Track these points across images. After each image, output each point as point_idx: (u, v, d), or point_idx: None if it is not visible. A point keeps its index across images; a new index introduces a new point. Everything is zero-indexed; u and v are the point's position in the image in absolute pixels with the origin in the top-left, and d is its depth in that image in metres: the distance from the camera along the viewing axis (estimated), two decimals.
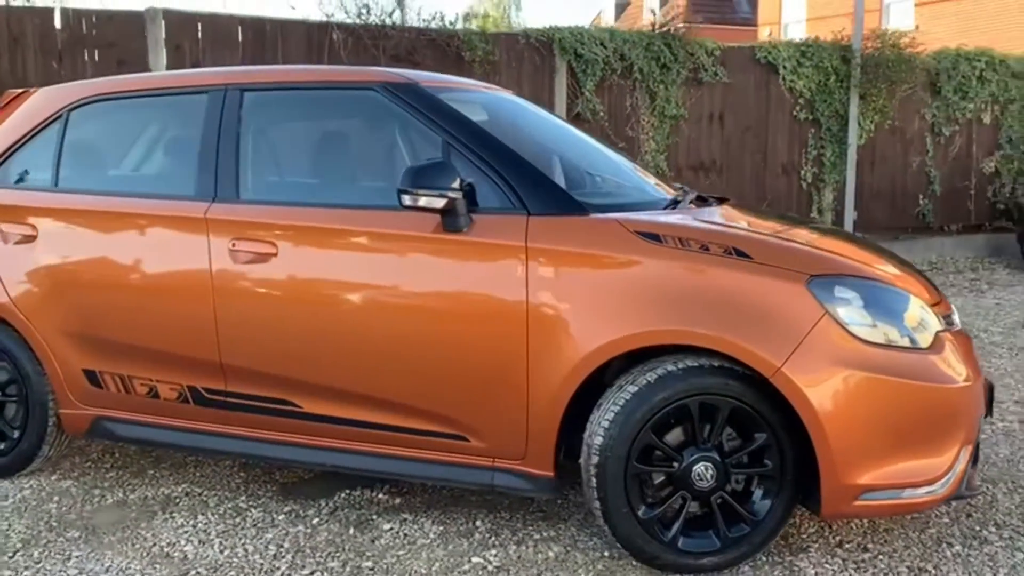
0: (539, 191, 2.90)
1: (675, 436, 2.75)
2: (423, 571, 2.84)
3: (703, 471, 2.71)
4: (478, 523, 3.18)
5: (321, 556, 2.94)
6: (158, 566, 2.89)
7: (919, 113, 9.89)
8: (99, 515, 3.30)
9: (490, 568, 2.85)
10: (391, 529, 3.14)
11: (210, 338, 3.17)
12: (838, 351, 2.60)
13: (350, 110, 3.30)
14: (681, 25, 8.36)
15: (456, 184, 2.78)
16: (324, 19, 6.94)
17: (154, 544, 3.05)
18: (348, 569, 2.85)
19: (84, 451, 3.94)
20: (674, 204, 3.24)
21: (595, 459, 2.72)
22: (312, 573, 2.83)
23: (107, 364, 3.38)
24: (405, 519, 3.22)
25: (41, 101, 3.66)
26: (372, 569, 2.85)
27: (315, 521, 3.21)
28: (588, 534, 3.07)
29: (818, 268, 2.70)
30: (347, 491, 3.47)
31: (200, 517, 3.26)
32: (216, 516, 3.27)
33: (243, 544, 3.03)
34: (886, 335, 2.66)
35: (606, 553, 2.93)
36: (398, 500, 3.39)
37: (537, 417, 2.83)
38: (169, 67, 6.28)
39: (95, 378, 3.41)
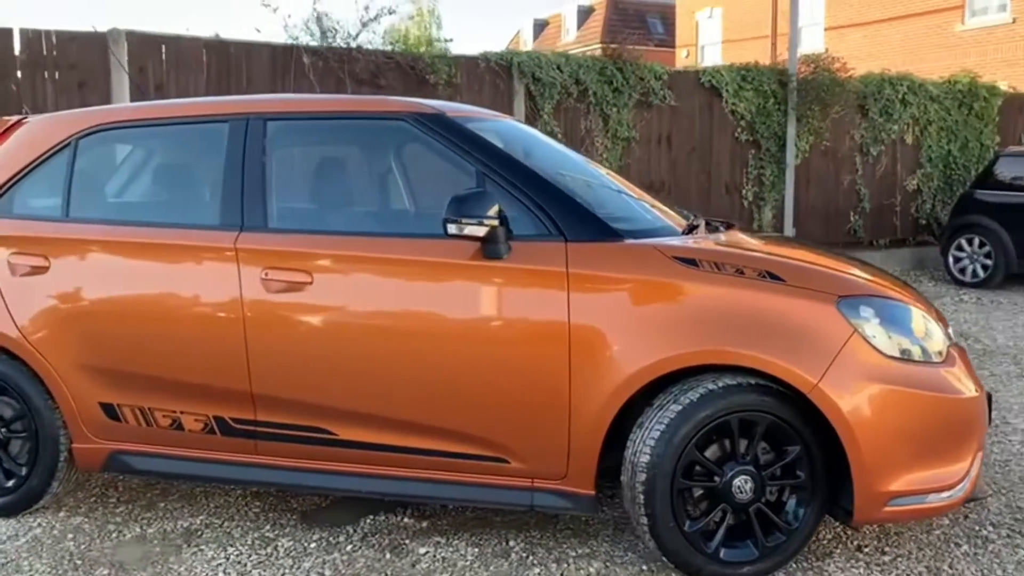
0: (575, 218, 3.00)
1: (714, 452, 2.89)
2: None
3: (742, 484, 2.85)
4: (511, 543, 3.24)
5: None
6: None
7: (849, 134, 10.41)
8: (122, 551, 3.24)
9: None
10: (427, 553, 3.18)
11: (240, 368, 3.16)
12: (866, 366, 2.78)
13: (379, 140, 3.35)
14: (634, 48, 8.60)
15: (495, 212, 2.86)
16: (289, 42, 6.92)
17: None
18: None
19: (86, 486, 3.84)
20: (691, 229, 3.39)
21: (642, 476, 2.82)
22: None
23: (126, 397, 3.32)
24: (438, 542, 3.26)
25: (44, 129, 3.58)
26: None
27: (348, 548, 3.22)
28: (622, 549, 3.17)
29: (844, 289, 2.88)
30: (371, 516, 3.48)
31: (230, 549, 3.23)
32: (245, 547, 3.24)
33: (283, 574, 3.03)
34: (899, 345, 2.85)
35: (644, 567, 3.04)
36: (425, 524, 3.43)
37: (579, 437, 2.92)
38: (132, 89, 6.16)
39: (113, 411, 3.34)
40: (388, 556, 3.16)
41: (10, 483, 3.49)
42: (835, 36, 23.01)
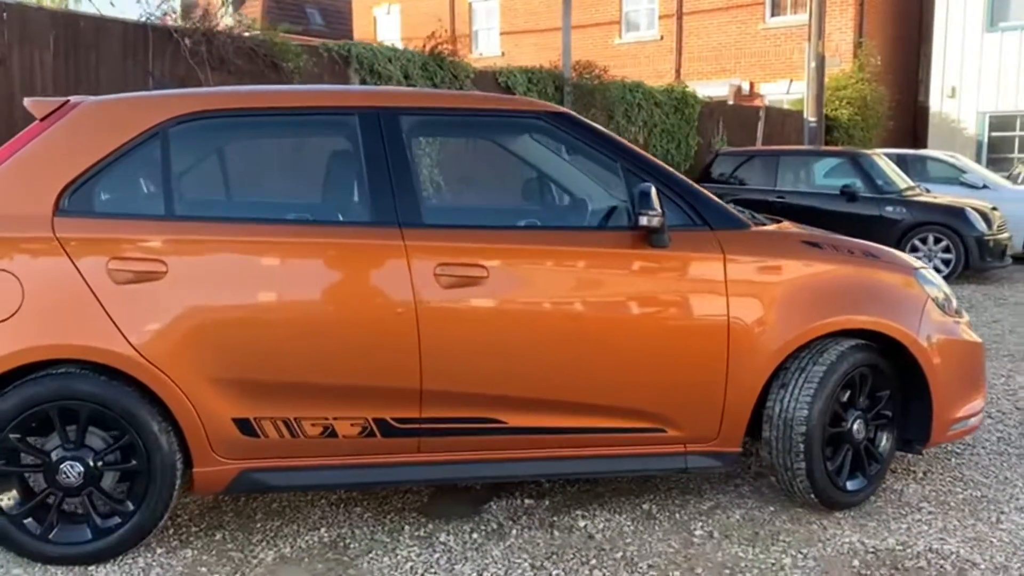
0: (713, 209, 3.40)
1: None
2: (669, 549, 3.19)
3: (860, 426, 3.48)
4: (645, 507, 3.56)
5: (572, 558, 3.11)
6: None
7: None
8: (284, 574, 3.01)
9: (716, 536, 3.30)
10: (587, 525, 3.38)
11: (411, 365, 3.10)
12: (935, 322, 3.55)
13: (516, 137, 3.42)
14: (446, 46, 8.88)
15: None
16: (143, 19, 6.20)
17: None
18: (613, 561, 3.08)
19: None
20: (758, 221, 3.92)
21: (801, 428, 3.32)
22: (592, 571, 3.02)
23: (267, 409, 3.06)
24: (583, 515, 3.47)
25: (119, 114, 3.11)
26: (625, 558, 3.12)
27: (514, 532, 3.32)
28: (739, 496, 3.65)
29: (914, 263, 3.64)
30: (492, 503, 3.57)
31: (402, 552, 3.16)
32: (415, 547, 3.19)
33: (491, 567, 3.06)
34: (935, 297, 3.63)
35: (771, 508, 3.54)
36: (547, 502, 3.60)
37: (733, 403, 3.34)
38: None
39: (248, 427, 3.06)
40: (557, 533, 3.32)
41: (112, 521, 3.03)
42: (510, 41, 24.86)
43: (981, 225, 10.09)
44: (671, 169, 3.51)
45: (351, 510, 3.52)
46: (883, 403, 3.56)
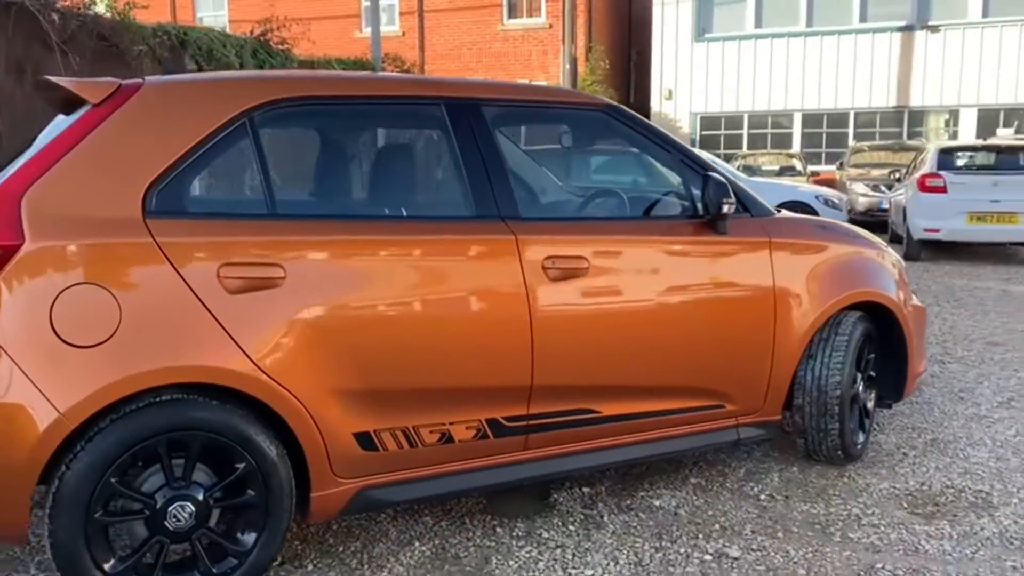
0: (749, 197, 3.68)
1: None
2: (750, 515, 3.41)
3: (863, 387, 3.94)
4: (693, 481, 3.76)
5: (680, 534, 3.22)
6: None
7: None
8: None
9: (778, 498, 3.57)
10: (661, 505, 3.51)
11: (524, 361, 3.04)
12: (905, 290, 4.12)
13: (583, 129, 3.43)
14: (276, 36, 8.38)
15: None
16: None
17: None
18: (717, 532, 3.25)
19: None
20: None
21: (835, 393, 3.69)
22: (708, 542, 3.16)
23: (386, 419, 2.85)
24: (647, 495, 3.59)
25: (198, 99, 2.70)
26: (724, 527, 3.30)
27: (606, 519, 3.36)
28: (759, 460, 3.96)
29: (880, 241, 4.18)
30: (554, 496, 3.58)
31: (522, 552, 3.08)
32: (532, 548, 3.12)
33: (619, 554, 3.09)
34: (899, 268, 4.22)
35: (794, 468, 3.89)
36: (602, 488, 3.67)
37: (777, 375, 3.64)
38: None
39: (368, 441, 2.83)
40: (644, 515, 3.41)
41: (227, 564, 2.64)
42: (241, 30, 23.60)
43: None
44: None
45: (421, 521, 3.36)
46: (871, 365, 4.06)
